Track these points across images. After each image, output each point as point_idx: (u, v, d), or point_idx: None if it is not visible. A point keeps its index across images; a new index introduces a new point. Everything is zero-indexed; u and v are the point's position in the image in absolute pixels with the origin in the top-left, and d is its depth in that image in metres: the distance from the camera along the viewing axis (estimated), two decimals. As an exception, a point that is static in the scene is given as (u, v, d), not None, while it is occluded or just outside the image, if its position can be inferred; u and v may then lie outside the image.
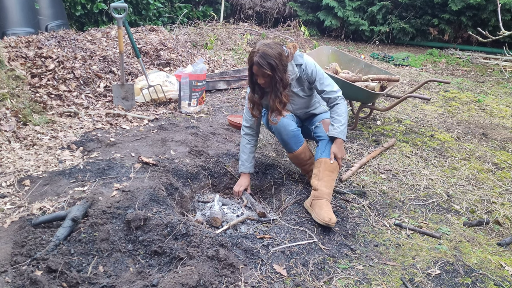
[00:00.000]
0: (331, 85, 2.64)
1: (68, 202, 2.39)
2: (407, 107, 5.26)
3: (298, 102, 2.75)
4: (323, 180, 2.56)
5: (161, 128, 3.68)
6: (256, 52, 2.42)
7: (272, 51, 2.40)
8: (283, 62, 2.46)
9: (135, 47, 4.08)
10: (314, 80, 2.62)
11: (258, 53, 2.41)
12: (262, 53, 2.39)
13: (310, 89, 2.72)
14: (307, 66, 2.60)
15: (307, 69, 2.60)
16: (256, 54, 2.41)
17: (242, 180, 2.90)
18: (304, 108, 2.82)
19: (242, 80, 5.47)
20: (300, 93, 2.69)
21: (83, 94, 4.16)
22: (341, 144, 2.61)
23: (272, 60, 2.39)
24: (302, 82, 2.66)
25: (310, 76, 2.61)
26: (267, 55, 2.39)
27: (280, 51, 2.44)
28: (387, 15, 9.57)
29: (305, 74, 2.61)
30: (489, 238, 2.54)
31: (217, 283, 1.88)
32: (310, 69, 2.60)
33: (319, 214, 2.44)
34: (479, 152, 3.86)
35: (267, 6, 10.25)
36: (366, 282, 2.05)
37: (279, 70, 2.43)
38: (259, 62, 2.40)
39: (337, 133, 2.58)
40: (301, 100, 2.74)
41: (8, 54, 3.97)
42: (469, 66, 8.11)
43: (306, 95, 2.73)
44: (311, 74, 2.60)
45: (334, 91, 2.63)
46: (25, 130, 3.26)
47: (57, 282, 1.80)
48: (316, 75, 2.61)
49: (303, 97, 2.72)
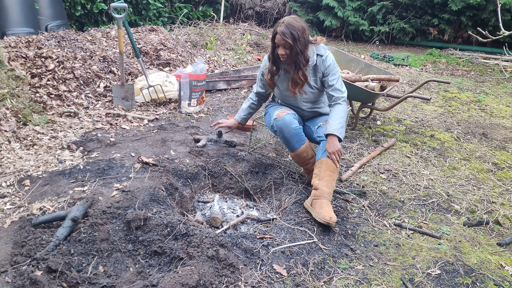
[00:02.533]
0: (341, 85, 2.67)
1: (68, 202, 2.39)
2: (407, 107, 5.26)
3: (308, 92, 2.76)
4: (324, 180, 2.56)
5: (161, 128, 3.68)
6: (281, 23, 2.51)
7: (297, 23, 2.49)
8: (306, 37, 2.52)
9: (135, 47, 4.08)
10: (329, 73, 2.64)
11: (283, 23, 2.49)
12: (287, 23, 2.48)
13: (321, 83, 2.73)
14: (327, 58, 2.65)
15: (326, 61, 2.64)
16: (281, 24, 2.50)
17: (230, 120, 3.16)
18: (311, 102, 2.82)
19: (242, 80, 5.47)
20: (312, 82, 2.72)
21: (83, 94, 4.16)
22: (333, 140, 2.56)
23: (295, 31, 2.46)
24: (316, 72, 2.69)
25: (327, 68, 2.64)
26: (291, 26, 2.47)
27: (304, 26, 2.52)
28: (387, 15, 9.57)
29: (323, 65, 2.64)
30: (489, 238, 2.54)
31: (217, 283, 1.88)
32: (329, 62, 2.65)
33: (320, 213, 2.44)
34: (479, 152, 3.86)
35: (267, 6, 10.25)
36: (366, 282, 2.05)
37: (300, 43, 2.50)
38: (283, 31, 2.47)
39: (332, 130, 2.55)
40: (310, 91, 2.75)
41: (8, 54, 3.97)
42: (469, 66, 8.11)
43: (317, 87, 2.74)
44: (328, 66, 2.64)
45: (341, 91, 2.65)
46: (25, 130, 3.25)
47: (57, 282, 1.80)
48: (332, 69, 2.65)
49: (313, 88, 2.74)
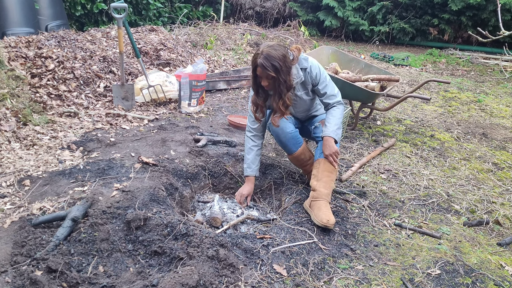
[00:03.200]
0: (333, 89, 2.64)
1: (68, 202, 2.39)
2: (407, 107, 5.26)
3: (301, 105, 2.74)
4: (322, 181, 2.56)
5: (161, 128, 3.68)
6: (260, 54, 2.38)
7: (276, 52, 2.36)
8: (287, 64, 2.42)
9: (135, 47, 4.08)
10: (318, 82, 2.61)
11: (262, 54, 2.36)
12: (266, 54, 2.35)
13: (313, 91, 2.71)
14: (312, 69, 2.58)
15: (312, 72, 2.59)
16: (260, 56, 2.37)
17: (246, 186, 2.79)
18: (306, 111, 2.82)
19: (242, 80, 5.47)
20: (304, 96, 2.68)
21: (83, 94, 4.16)
22: (330, 141, 2.52)
23: (276, 62, 2.34)
24: (306, 85, 2.64)
25: (314, 79, 2.60)
26: (271, 57, 2.34)
27: (284, 53, 2.40)
28: (387, 15, 9.57)
29: (310, 77, 2.60)
30: (489, 238, 2.54)
31: (217, 283, 1.88)
32: (314, 72, 2.59)
33: (318, 215, 2.44)
34: (479, 152, 3.86)
35: (267, 6, 10.25)
36: (366, 282, 2.05)
37: (283, 72, 2.39)
38: (263, 64, 2.35)
39: (328, 132, 2.53)
40: (304, 103, 2.73)
41: (8, 54, 3.97)
42: (469, 66, 8.11)
43: (310, 98, 2.72)
44: (315, 77, 2.59)
45: (334, 96, 2.62)
46: (25, 130, 3.25)
47: (57, 282, 1.80)
48: (319, 78, 2.60)
49: (306, 100, 2.72)
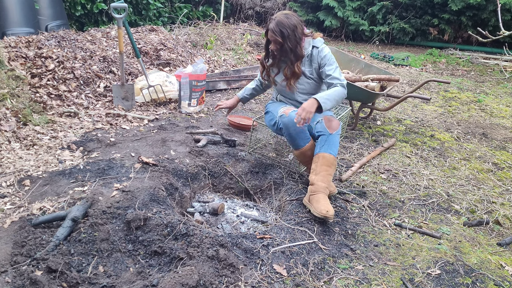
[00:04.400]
0: (339, 74, 2.67)
1: (68, 202, 2.39)
2: (407, 107, 5.26)
3: (304, 82, 2.77)
4: (320, 175, 2.58)
5: (161, 128, 3.68)
6: (273, 19, 2.56)
7: (288, 21, 2.54)
8: (297, 34, 2.56)
9: (135, 47, 4.08)
10: (325, 64, 2.66)
11: (274, 20, 2.55)
12: (278, 21, 2.53)
13: (318, 74, 2.74)
14: (323, 50, 2.68)
15: (322, 52, 2.67)
16: (273, 21, 2.56)
17: (231, 100, 3.26)
18: (308, 94, 2.81)
19: (242, 80, 5.47)
20: (307, 73, 2.73)
21: (83, 94, 4.16)
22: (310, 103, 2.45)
23: (285, 29, 2.52)
24: (312, 63, 2.72)
25: (323, 58, 2.66)
26: (282, 24, 2.52)
27: (295, 23, 2.55)
28: (387, 15, 9.57)
29: (319, 56, 2.67)
30: (489, 238, 2.54)
31: (217, 283, 1.88)
32: (324, 52, 2.67)
33: (317, 207, 2.45)
34: (479, 152, 3.86)
35: (267, 6, 10.24)
36: (366, 282, 2.05)
37: (290, 40, 2.55)
38: (272, 29, 2.55)
39: (317, 96, 2.49)
40: (307, 82, 2.76)
41: (8, 54, 3.97)
42: (469, 66, 8.11)
43: (313, 78, 2.76)
44: (324, 56, 2.66)
45: (338, 79, 2.64)
46: (25, 130, 3.25)
47: (57, 282, 1.80)
48: (328, 60, 2.66)
49: (309, 79, 2.75)
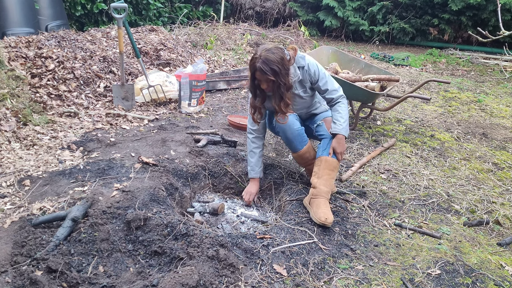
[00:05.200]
0: (333, 84, 2.66)
1: (68, 202, 2.39)
2: (407, 107, 5.26)
3: (300, 103, 2.74)
4: (322, 179, 2.57)
5: (161, 128, 3.68)
6: (258, 58, 2.38)
7: (274, 56, 2.36)
8: (286, 66, 2.42)
9: (135, 47, 4.08)
10: (317, 80, 2.62)
11: (260, 59, 2.36)
12: (265, 58, 2.35)
13: (312, 89, 2.71)
14: (309, 67, 2.60)
15: (310, 70, 2.60)
16: (258, 60, 2.37)
17: (252, 186, 2.85)
18: (306, 109, 2.82)
19: (242, 80, 5.47)
20: (302, 94, 2.69)
21: (83, 94, 4.16)
22: (342, 140, 2.61)
23: (275, 66, 2.35)
24: (304, 83, 2.65)
25: (313, 77, 2.61)
26: (270, 61, 2.34)
27: (282, 56, 2.40)
28: (387, 15, 9.57)
29: (308, 75, 2.61)
30: (489, 238, 2.54)
31: (217, 283, 1.88)
32: (312, 69, 2.60)
33: (316, 213, 2.45)
34: (479, 152, 3.86)
35: (267, 6, 10.24)
36: (366, 282, 2.05)
37: (282, 75, 2.40)
38: (262, 68, 2.35)
39: (339, 130, 2.58)
40: (302, 101, 2.74)
41: (8, 54, 3.97)
42: (469, 66, 8.11)
43: (308, 95, 2.73)
44: (314, 74, 2.60)
45: (336, 91, 2.64)
46: (25, 130, 3.25)
47: (57, 282, 1.80)
48: (318, 75, 2.61)
49: (304, 98, 2.72)
